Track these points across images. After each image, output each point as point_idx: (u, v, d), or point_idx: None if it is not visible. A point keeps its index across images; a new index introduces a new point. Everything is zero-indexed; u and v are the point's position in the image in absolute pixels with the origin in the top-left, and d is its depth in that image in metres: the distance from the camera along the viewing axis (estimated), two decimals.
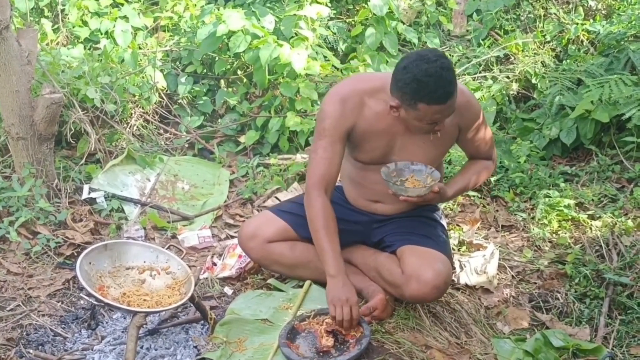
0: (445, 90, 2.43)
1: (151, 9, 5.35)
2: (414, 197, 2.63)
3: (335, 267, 2.62)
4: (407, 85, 2.45)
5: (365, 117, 2.65)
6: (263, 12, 4.87)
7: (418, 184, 2.66)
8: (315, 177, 2.66)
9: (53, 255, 3.36)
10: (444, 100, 2.44)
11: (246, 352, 2.59)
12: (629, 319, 2.96)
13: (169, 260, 2.84)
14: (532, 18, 5.42)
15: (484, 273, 3.19)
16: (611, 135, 4.31)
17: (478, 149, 2.85)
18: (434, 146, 2.71)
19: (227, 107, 5.04)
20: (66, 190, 3.72)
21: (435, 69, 2.41)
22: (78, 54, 4.54)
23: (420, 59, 2.44)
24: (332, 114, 2.64)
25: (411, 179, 2.69)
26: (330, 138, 2.64)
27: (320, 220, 2.64)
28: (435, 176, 2.68)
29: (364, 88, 2.67)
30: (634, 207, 3.75)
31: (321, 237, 2.64)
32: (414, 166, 2.71)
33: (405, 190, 2.62)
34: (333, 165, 2.65)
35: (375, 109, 2.65)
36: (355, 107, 2.64)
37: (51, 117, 3.49)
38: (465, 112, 2.69)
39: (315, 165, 2.67)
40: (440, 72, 2.41)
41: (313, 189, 2.66)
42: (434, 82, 2.40)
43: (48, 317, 2.94)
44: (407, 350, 2.58)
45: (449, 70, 2.44)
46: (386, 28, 5.08)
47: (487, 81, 4.85)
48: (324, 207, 2.65)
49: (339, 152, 2.66)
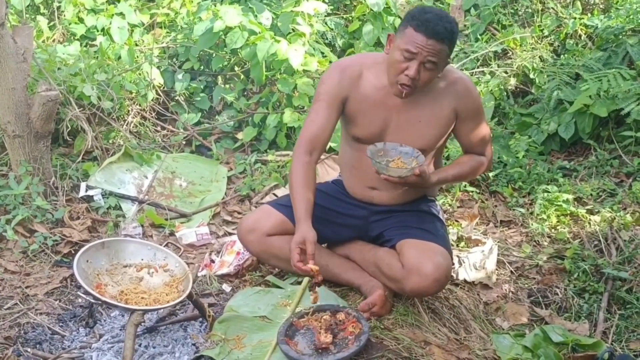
0: (436, 28, 2.49)
1: (147, 5, 5.34)
2: (395, 177, 2.63)
3: (298, 217, 2.62)
4: (410, 13, 2.57)
5: (362, 87, 2.70)
6: (260, 8, 4.86)
7: (403, 166, 2.66)
8: (303, 138, 2.73)
9: (50, 253, 3.34)
10: (429, 34, 2.49)
11: (245, 350, 2.58)
12: (628, 314, 2.95)
13: (167, 258, 2.82)
14: (530, 13, 5.42)
15: (483, 269, 3.19)
16: (610, 130, 4.30)
17: (473, 143, 2.84)
18: (429, 127, 2.72)
19: (224, 104, 5.03)
20: (63, 188, 3.71)
21: (440, 12, 2.54)
22: (74, 51, 4.52)
23: (435, 8, 2.63)
24: (329, 80, 2.73)
25: (397, 161, 2.69)
26: (324, 102, 2.71)
27: (298, 176, 2.68)
28: (420, 160, 2.67)
29: (365, 61, 2.76)
30: (632, 201, 3.75)
31: (294, 191, 2.67)
32: (402, 148, 2.70)
33: (387, 170, 2.62)
34: (322, 128, 2.71)
35: (373, 81, 2.69)
36: (353, 75, 2.71)
37: (47, 114, 3.47)
38: (463, 98, 2.71)
39: (306, 127, 2.75)
40: (443, 16, 2.53)
41: (299, 148, 2.73)
42: (431, 16, 2.51)
43: (46, 316, 2.93)
44: (406, 347, 2.57)
45: (451, 24, 2.53)
46: (383, 24, 5.07)
47: (485, 76, 4.84)
48: (305, 165, 2.69)
49: (332, 117, 2.72)
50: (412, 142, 2.71)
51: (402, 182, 2.66)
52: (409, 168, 2.62)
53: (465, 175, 2.92)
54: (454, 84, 2.69)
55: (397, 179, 2.63)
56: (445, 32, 2.50)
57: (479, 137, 2.82)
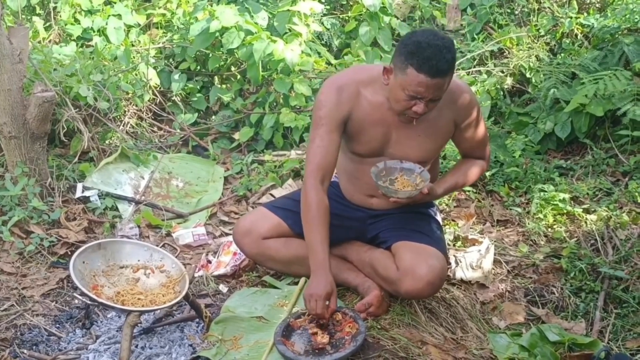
0: (438, 65, 2.41)
1: (144, 6, 5.33)
2: (403, 198, 2.63)
3: (318, 261, 2.58)
4: (406, 47, 2.45)
5: (361, 106, 2.65)
6: (256, 8, 4.86)
7: (407, 184, 2.66)
8: (312, 166, 2.65)
9: (47, 254, 3.34)
10: (433, 74, 2.42)
11: (241, 350, 2.57)
12: (624, 313, 2.96)
13: (163, 259, 2.82)
14: (526, 12, 5.42)
15: (480, 268, 3.19)
16: (606, 129, 4.31)
17: (472, 147, 2.84)
18: (429, 140, 2.70)
19: (221, 104, 5.02)
20: (59, 189, 3.70)
21: (438, 43, 2.42)
22: (70, 51, 4.52)
23: (429, 31, 2.50)
24: (328, 102, 2.64)
25: (400, 179, 2.69)
26: (327, 127, 2.64)
27: (313, 211, 2.62)
28: (424, 176, 2.67)
29: (360, 78, 2.67)
30: (628, 200, 3.75)
31: (311, 228, 2.62)
32: (404, 164, 2.69)
33: (395, 192, 2.62)
34: (330, 153, 2.64)
35: (370, 99, 2.64)
36: (351, 96, 2.64)
37: (43, 115, 3.47)
38: (462, 109, 2.69)
39: (313, 155, 2.65)
40: (442, 48, 2.41)
41: (309, 178, 2.64)
42: (431, 52, 2.40)
43: (42, 317, 2.92)
44: (403, 347, 2.57)
45: (450, 52, 2.44)
46: (380, 23, 5.07)
47: (482, 75, 4.84)
48: (318, 198, 2.62)
49: (336, 140, 2.65)
50: (412, 155, 2.71)
51: (411, 201, 2.66)
52: (418, 189, 2.62)
53: (467, 182, 2.93)
54: (452, 94, 2.64)
55: (406, 199, 2.63)
56: (447, 66, 2.43)
57: (478, 143, 2.82)
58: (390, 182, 2.67)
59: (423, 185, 2.62)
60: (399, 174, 2.69)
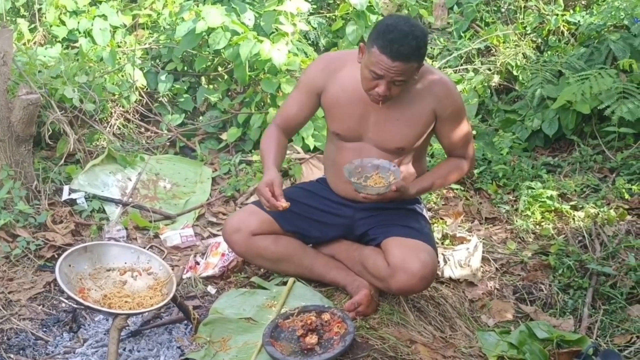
0: (400, 49, 2.44)
1: (130, 6, 5.31)
2: (373, 194, 2.64)
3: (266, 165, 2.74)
4: (376, 27, 2.53)
5: (340, 80, 2.73)
6: (242, 8, 4.83)
7: (380, 182, 2.67)
8: (278, 116, 2.92)
9: (33, 258, 3.31)
10: (393, 56, 2.45)
11: (230, 352, 2.57)
12: (612, 309, 2.97)
13: (151, 261, 2.80)
14: (513, 10, 5.43)
15: (468, 266, 3.19)
16: (593, 126, 4.32)
17: (454, 144, 2.83)
18: (408, 125, 2.71)
19: (208, 105, 5.00)
20: (46, 192, 3.67)
21: (406, 29, 2.46)
22: (55, 53, 4.48)
23: (404, 17, 2.56)
24: (309, 70, 2.85)
25: (374, 176, 2.70)
26: (300, 89, 2.85)
27: (269, 137, 2.84)
28: (397, 174, 2.68)
29: (347, 57, 2.77)
30: (616, 197, 3.77)
31: (267, 146, 2.81)
32: (379, 162, 2.71)
33: (364, 188, 2.63)
34: (296, 115, 2.86)
35: (354, 76, 2.66)
36: (334, 68, 2.76)
37: (29, 118, 3.44)
38: (443, 100, 2.69)
39: (281, 109, 2.94)
40: (409, 33, 2.45)
41: (273, 124, 2.91)
42: (397, 35, 2.44)
43: (29, 321, 2.90)
44: (391, 346, 2.57)
45: (417, 39, 2.46)
46: (367, 22, 5.06)
47: (469, 73, 4.86)
48: (277, 135, 2.84)
49: (306, 105, 2.84)
50: (391, 140, 2.72)
51: (381, 198, 2.66)
52: (386, 185, 2.62)
53: (446, 183, 2.96)
54: (433, 85, 2.67)
55: (375, 196, 2.64)
56: (410, 52, 2.46)
57: (460, 138, 2.81)
58: (365, 179, 2.69)
59: (393, 182, 2.63)
60: (374, 171, 2.71)
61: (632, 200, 3.73)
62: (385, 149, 2.75)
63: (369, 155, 2.74)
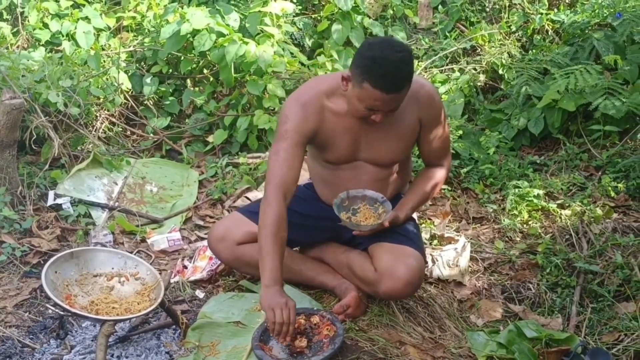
0: (394, 82, 2.41)
1: (113, 9, 5.27)
2: (366, 231, 2.68)
3: (271, 278, 2.48)
4: (362, 60, 2.43)
5: (327, 119, 2.63)
6: (227, 10, 4.82)
7: (370, 214, 2.71)
8: (275, 180, 2.58)
9: (19, 264, 3.29)
10: (388, 90, 2.41)
11: (219, 356, 2.56)
12: (600, 307, 2.98)
13: (138, 266, 2.79)
14: (497, 9, 5.44)
15: (456, 266, 3.19)
16: (578, 124, 4.34)
17: (434, 151, 2.81)
18: (398, 140, 2.70)
19: (194, 107, 4.98)
20: (31, 197, 3.65)
21: (395, 58, 2.39)
22: (39, 57, 4.43)
23: (387, 43, 2.46)
24: (293, 117, 2.60)
25: (363, 208, 2.74)
26: (292, 140, 2.58)
27: (271, 227, 2.51)
28: (387, 207, 2.71)
29: (322, 89, 2.64)
30: (602, 195, 3.79)
31: (267, 244, 2.51)
32: (367, 192, 2.73)
33: (357, 226, 2.67)
34: (294, 168, 2.59)
35: (335, 109, 2.63)
36: (316, 110, 2.61)
37: (12, 123, 3.42)
38: (427, 107, 2.68)
39: (278, 168, 2.59)
40: (399, 63, 2.39)
41: (272, 193, 2.56)
42: (387, 68, 2.38)
43: (15, 328, 2.87)
44: (381, 347, 2.57)
45: (408, 65, 2.42)
46: (352, 23, 5.07)
47: (455, 73, 4.86)
48: (279, 214, 2.53)
49: (300, 155, 2.61)
50: (384, 157, 2.72)
51: (375, 230, 2.69)
52: (378, 222, 2.67)
53: (430, 198, 2.97)
54: (417, 92, 2.61)
55: (369, 231, 2.68)
56: (404, 80, 2.42)
57: (440, 144, 2.80)
58: (353, 211, 2.72)
59: (385, 216, 2.68)
60: (362, 203, 2.74)
61: (618, 198, 3.75)
62: (379, 164, 2.75)
63: (364, 172, 2.74)
